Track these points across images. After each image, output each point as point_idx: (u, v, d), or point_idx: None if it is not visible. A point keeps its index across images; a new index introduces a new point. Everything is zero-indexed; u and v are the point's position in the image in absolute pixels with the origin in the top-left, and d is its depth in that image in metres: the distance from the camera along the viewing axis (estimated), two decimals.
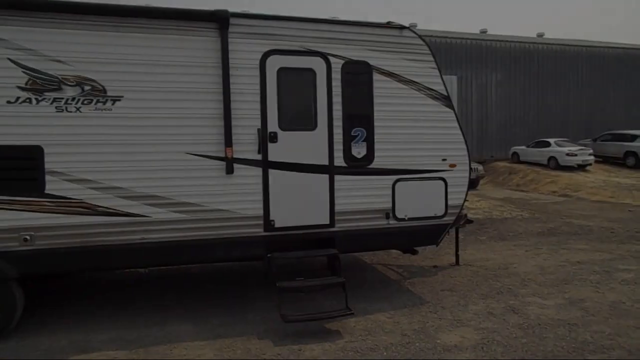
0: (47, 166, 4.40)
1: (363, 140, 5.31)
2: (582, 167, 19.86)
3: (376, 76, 5.32)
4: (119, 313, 5.10)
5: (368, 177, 5.34)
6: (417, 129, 5.51)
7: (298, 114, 5.15)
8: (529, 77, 24.81)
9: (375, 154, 5.35)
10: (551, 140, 20.87)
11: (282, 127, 5.02)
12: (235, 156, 4.84)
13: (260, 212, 4.97)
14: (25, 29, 4.33)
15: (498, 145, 24.02)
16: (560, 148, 20.12)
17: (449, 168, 5.65)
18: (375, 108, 5.33)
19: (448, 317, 4.95)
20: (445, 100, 5.61)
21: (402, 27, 5.46)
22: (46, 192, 4.41)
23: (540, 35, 27.44)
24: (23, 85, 4.32)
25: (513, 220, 10.99)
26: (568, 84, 25.53)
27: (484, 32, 26.29)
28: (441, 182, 5.63)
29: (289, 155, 5.04)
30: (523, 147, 22.00)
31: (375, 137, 5.34)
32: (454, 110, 5.70)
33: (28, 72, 4.33)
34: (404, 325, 4.74)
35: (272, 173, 4.99)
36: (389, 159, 5.39)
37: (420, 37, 5.54)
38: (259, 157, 4.94)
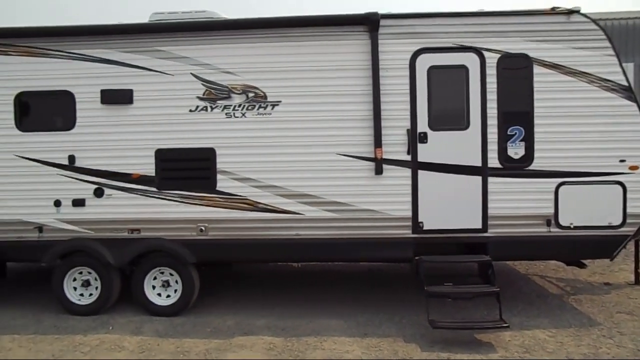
0: (218, 166, 4.99)
1: (521, 140, 4.89)
2: None
3: (537, 69, 4.85)
4: (273, 303, 5.52)
5: (526, 180, 4.90)
6: (587, 126, 4.87)
7: (449, 113, 4.96)
8: None
9: (535, 155, 4.88)
10: None
11: (432, 127, 4.90)
12: (384, 157, 4.87)
13: (409, 213, 4.92)
14: (202, 46, 4.99)
15: None
16: None
17: (628, 171, 4.88)
18: (536, 104, 4.87)
19: (629, 346, 4.26)
20: (626, 92, 4.85)
21: (570, 12, 4.88)
22: (217, 189, 5.00)
23: None
24: (201, 96, 4.97)
25: None
26: None
27: None
28: (618, 187, 4.88)
29: (440, 156, 4.90)
30: None
31: (536, 136, 4.87)
32: (637, 103, 4.89)
33: (205, 84, 4.96)
34: (569, 348, 4.23)
35: (422, 174, 4.90)
36: (552, 159, 4.88)
37: (593, 21, 4.88)
38: (408, 157, 4.90)
